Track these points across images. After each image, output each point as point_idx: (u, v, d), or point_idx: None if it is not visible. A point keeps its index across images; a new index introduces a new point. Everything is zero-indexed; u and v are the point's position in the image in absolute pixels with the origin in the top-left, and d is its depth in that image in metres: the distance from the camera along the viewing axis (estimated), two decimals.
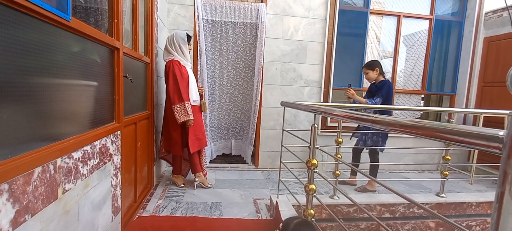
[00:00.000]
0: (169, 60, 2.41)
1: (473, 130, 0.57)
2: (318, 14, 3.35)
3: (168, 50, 2.45)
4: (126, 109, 1.80)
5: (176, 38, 2.43)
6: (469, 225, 2.56)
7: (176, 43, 2.42)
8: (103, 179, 1.45)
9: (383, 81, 2.69)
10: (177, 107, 2.35)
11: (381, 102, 2.61)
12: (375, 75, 2.71)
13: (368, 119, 0.88)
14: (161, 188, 2.64)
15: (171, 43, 2.43)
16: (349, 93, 2.76)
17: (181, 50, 2.44)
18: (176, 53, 2.43)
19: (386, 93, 2.61)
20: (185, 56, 2.47)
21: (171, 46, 2.43)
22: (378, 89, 2.67)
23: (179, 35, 2.45)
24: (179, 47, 2.43)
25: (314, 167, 1.53)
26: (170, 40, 2.44)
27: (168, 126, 2.50)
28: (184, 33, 2.48)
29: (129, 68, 1.85)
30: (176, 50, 2.43)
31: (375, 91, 2.70)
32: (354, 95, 2.73)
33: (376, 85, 2.72)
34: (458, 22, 3.77)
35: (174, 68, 2.35)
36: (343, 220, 2.39)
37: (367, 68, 2.73)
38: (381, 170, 3.70)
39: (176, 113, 2.34)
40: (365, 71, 2.75)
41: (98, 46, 1.39)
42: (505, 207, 0.50)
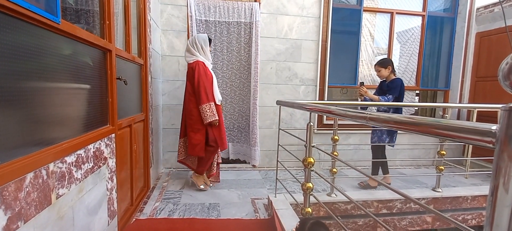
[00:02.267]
0: (194, 61, 2.44)
1: (467, 125, 0.57)
2: (311, 13, 3.36)
3: (191, 51, 2.48)
4: (120, 112, 1.78)
5: (198, 40, 2.47)
6: (465, 218, 2.59)
7: (199, 44, 2.47)
8: (98, 183, 1.43)
9: (395, 79, 2.71)
10: (203, 107, 2.38)
11: (392, 100, 2.63)
12: (387, 73, 2.72)
13: (363, 116, 0.88)
14: (158, 190, 2.63)
15: (194, 45, 2.47)
16: (361, 91, 2.76)
17: (203, 51, 2.49)
18: (199, 54, 2.47)
19: (399, 91, 2.64)
20: (208, 57, 2.53)
21: (194, 47, 2.48)
22: (389, 88, 2.69)
23: (201, 37, 2.50)
24: (202, 48, 2.48)
25: (310, 166, 1.53)
26: (192, 41, 2.49)
27: (192, 127, 2.47)
28: (206, 35, 2.53)
29: (122, 70, 1.83)
30: (198, 51, 2.47)
31: (386, 90, 2.72)
32: (366, 93, 2.74)
33: (387, 84, 2.73)
34: (450, 18, 3.80)
35: (200, 69, 2.39)
36: (340, 217, 2.40)
37: (380, 65, 2.74)
38: None
39: (203, 114, 2.38)
40: (378, 68, 2.76)
41: (90, 49, 1.38)
42: (499, 200, 0.50)
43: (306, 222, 1.19)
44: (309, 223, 1.16)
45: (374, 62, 3.77)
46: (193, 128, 2.46)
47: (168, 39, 3.14)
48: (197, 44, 2.47)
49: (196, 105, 2.43)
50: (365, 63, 3.71)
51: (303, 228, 1.16)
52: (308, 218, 1.24)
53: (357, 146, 3.66)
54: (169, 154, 3.31)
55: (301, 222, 1.21)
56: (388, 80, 2.74)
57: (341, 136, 3.49)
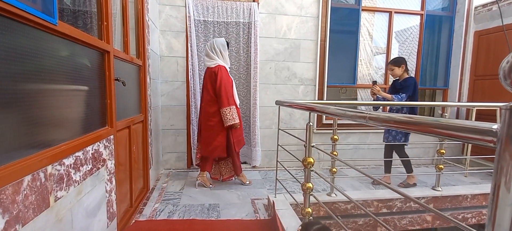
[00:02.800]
0: (215, 65, 2.50)
1: (468, 125, 0.57)
2: (310, 12, 3.36)
3: (210, 56, 2.54)
4: (119, 113, 1.77)
5: (217, 44, 2.53)
6: (465, 217, 2.59)
7: (217, 49, 2.53)
8: (97, 185, 1.42)
9: (408, 78, 2.71)
10: (224, 110, 2.46)
11: (406, 99, 2.63)
12: (400, 72, 2.72)
13: (362, 116, 0.88)
14: (157, 191, 2.62)
15: (212, 49, 2.53)
16: (374, 90, 2.76)
17: (222, 56, 2.54)
18: (218, 58, 2.53)
19: (413, 90, 2.64)
20: (226, 61, 2.58)
21: (213, 51, 2.53)
22: (402, 86, 2.69)
23: (220, 41, 2.55)
24: (220, 53, 2.54)
25: (310, 166, 1.53)
26: (211, 46, 2.54)
27: (213, 129, 2.52)
28: (223, 39, 2.60)
29: (120, 71, 1.82)
30: (217, 55, 2.53)
31: (399, 88, 2.72)
32: (379, 92, 2.74)
33: (400, 82, 2.74)
34: (449, 17, 3.81)
35: (222, 73, 2.47)
36: (341, 217, 2.40)
37: (393, 64, 2.74)
38: (377, 166, 3.73)
39: (224, 117, 2.46)
40: (391, 67, 2.76)
41: (88, 50, 1.37)
42: (501, 199, 0.50)
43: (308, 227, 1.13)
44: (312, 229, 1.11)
45: (373, 61, 3.78)
46: (213, 130, 2.52)
47: (167, 40, 3.13)
48: (216, 48, 2.53)
49: (218, 108, 2.49)
50: (364, 63, 3.71)
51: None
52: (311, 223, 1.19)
53: (357, 146, 3.66)
54: (168, 155, 3.31)
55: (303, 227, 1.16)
56: (402, 79, 2.74)
57: (341, 136, 3.49)
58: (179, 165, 3.35)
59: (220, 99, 2.46)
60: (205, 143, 2.58)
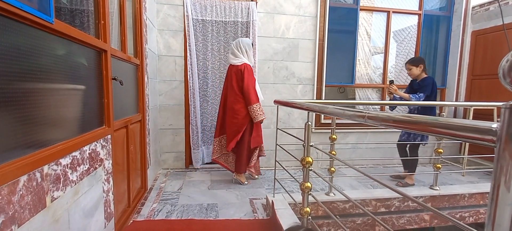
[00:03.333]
0: (242, 64, 2.59)
1: (467, 124, 0.57)
2: (308, 12, 3.35)
3: (236, 54, 2.64)
4: (117, 112, 1.76)
5: (243, 43, 2.64)
6: (463, 216, 2.60)
7: (243, 48, 2.63)
8: (94, 185, 1.41)
9: (426, 78, 2.71)
10: (253, 107, 2.58)
11: (423, 98, 2.63)
12: (418, 71, 2.72)
13: (361, 115, 0.87)
14: (155, 191, 2.61)
15: (238, 48, 2.64)
16: (391, 90, 2.78)
17: (247, 55, 2.65)
18: (243, 57, 2.63)
19: (431, 90, 2.64)
20: (251, 61, 2.69)
21: (238, 50, 2.64)
22: (420, 86, 2.69)
23: (245, 41, 2.66)
24: (246, 52, 2.64)
25: (309, 165, 1.53)
26: (237, 45, 2.64)
27: (238, 125, 2.62)
28: (249, 40, 2.72)
29: (118, 70, 1.81)
30: (243, 54, 2.63)
31: (417, 88, 2.72)
32: (396, 92, 2.76)
33: (418, 82, 2.74)
34: (446, 16, 3.82)
35: (249, 71, 2.58)
36: (339, 216, 2.40)
37: (411, 64, 2.74)
38: (375, 165, 3.74)
39: (253, 113, 2.58)
40: (409, 67, 2.76)
41: (85, 49, 1.36)
42: (501, 199, 0.50)
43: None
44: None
45: (371, 61, 3.78)
46: (238, 126, 2.61)
47: (165, 39, 3.12)
48: (241, 47, 2.63)
49: (244, 105, 2.59)
50: (362, 62, 3.71)
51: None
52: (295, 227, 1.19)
53: (355, 145, 3.66)
54: (166, 154, 3.29)
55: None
56: (419, 79, 2.74)
57: (339, 135, 3.50)
58: (178, 164, 3.34)
59: (248, 97, 2.55)
60: (230, 140, 2.68)
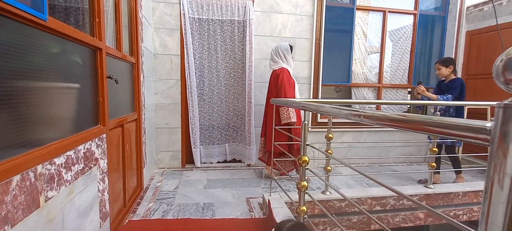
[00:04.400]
0: (279, 68, 2.72)
1: (462, 123, 0.57)
2: (305, 11, 3.36)
3: (274, 60, 2.78)
4: (112, 111, 1.74)
5: (281, 49, 2.75)
6: (456, 214, 2.63)
7: (281, 53, 2.74)
8: (89, 185, 1.40)
9: (455, 79, 2.71)
10: (282, 109, 2.66)
11: (452, 100, 2.63)
12: (447, 72, 2.72)
13: (357, 114, 0.88)
14: (151, 190, 2.59)
15: (277, 54, 2.76)
16: (419, 90, 2.79)
17: (286, 59, 2.75)
18: (282, 61, 2.74)
19: (460, 91, 2.64)
20: (290, 64, 2.77)
21: (277, 56, 2.76)
22: (448, 87, 2.70)
23: (284, 46, 2.76)
24: (284, 57, 2.74)
25: (305, 164, 1.53)
26: (276, 51, 2.77)
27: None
28: (287, 44, 2.78)
29: (113, 69, 1.79)
30: (281, 59, 2.74)
31: (445, 89, 2.73)
32: (424, 92, 2.77)
33: (446, 84, 2.74)
34: (441, 16, 3.85)
35: (284, 75, 2.67)
36: (335, 215, 2.41)
37: (441, 64, 2.74)
38: (370, 164, 3.77)
39: (281, 115, 2.67)
40: (438, 67, 2.76)
41: (79, 47, 1.34)
42: (495, 197, 0.51)
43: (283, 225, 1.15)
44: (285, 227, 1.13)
45: (367, 60, 3.80)
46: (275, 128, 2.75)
47: (161, 37, 3.09)
48: (280, 53, 2.74)
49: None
50: (358, 62, 3.73)
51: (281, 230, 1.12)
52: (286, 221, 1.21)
53: (351, 144, 3.68)
54: (162, 153, 3.28)
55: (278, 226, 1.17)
56: (448, 79, 2.74)
57: (335, 134, 3.49)
58: (174, 163, 3.33)
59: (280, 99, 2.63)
60: (269, 140, 2.77)
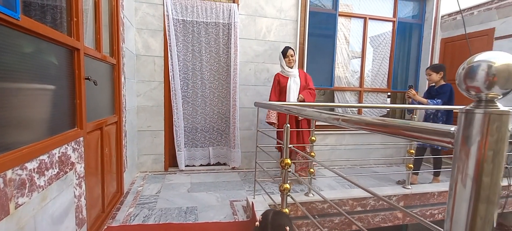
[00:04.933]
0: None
1: (429, 127, 0.61)
2: (289, 15, 3.41)
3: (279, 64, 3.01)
4: (90, 114, 1.69)
5: (279, 55, 2.98)
6: (432, 213, 2.75)
7: (280, 58, 2.96)
8: (64, 190, 1.35)
9: (444, 85, 2.82)
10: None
11: (441, 104, 2.72)
12: (438, 78, 2.83)
13: (336, 118, 0.90)
14: (132, 195, 2.52)
15: (279, 59, 2.99)
16: (410, 94, 2.88)
17: (281, 64, 2.95)
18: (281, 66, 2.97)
19: (449, 96, 2.75)
20: (283, 66, 2.94)
21: (280, 60, 2.98)
22: (438, 92, 2.81)
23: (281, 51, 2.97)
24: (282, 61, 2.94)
25: (287, 167, 1.55)
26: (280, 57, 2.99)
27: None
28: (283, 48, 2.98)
29: (92, 70, 1.74)
30: (281, 63, 2.96)
31: (435, 94, 2.84)
32: (415, 96, 2.86)
33: (436, 89, 2.85)
34: (418, 24, 4.04)
35: (274, 78, 2.99)
36: (318, 216, 2.45)
37: (432, 70, 2.84)
38: (352, 166, 3.86)
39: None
40: (429, 72, 2.86)
41: (55, 47, 1.29)
42: (458, 195, 0.54)
43: (267, 214, 1.27)
44: (270, 214, 1.26)
45: (349, 65, 3.91)
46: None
47: (143, 38, 3.04)
48: (279, 58, 2.98)
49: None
50: (341, 66, 3.83)
51: (266, 219, 1.24)
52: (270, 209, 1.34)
53: (334, 146, 3.76)
54: (144, 157, 3.20)
55: (264, 214, 1.29)
56: (438, 85, 2.85)
57: (318, 137, 3.58)
58: (156, 167, 3.26)
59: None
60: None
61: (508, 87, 0.49)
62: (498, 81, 0.49)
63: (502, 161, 0.50)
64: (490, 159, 0.50)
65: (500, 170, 0.50)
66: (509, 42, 3.13)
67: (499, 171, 0.50)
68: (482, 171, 0.50)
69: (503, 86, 0.49)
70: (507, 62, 0.49)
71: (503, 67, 0.49)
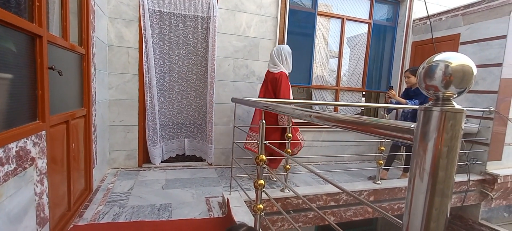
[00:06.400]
0: (278, 72, 2.72)
1: (391, 124, 0.63)
2: (269, 12, 3.41)
3: (275, 62, 2.76)
4: (54, 106, 1.58)
5: (284, 51, 2.75)
6: (400, 207, 2.90)
7: (283, 56, 2.74)
8: (23, 187, 1.25)
9: None
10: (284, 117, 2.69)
11: (419, 104, 2.83)
12: (415, 80, 2.97)
13: (307, 114, 0.91)
14: (102, 192, 2.41)
15: (279, 56, 2.75)
16: (390, 94, 3.05)
17: (287, 63, 2.76)
18: (282, 64, 2.74)
19: (425, 97, 2.89)
20: (289, 68, 2.80)
21: (278, 57, 2.75)
22: (416, 93, 2.99)
23: (286, 49, 2.77)
24: (286, 60, 2.75)
25: (262, 163, 1.55)
26: (278, 52, 2.76)
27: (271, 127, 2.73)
28: (288, 47, 2.81)
29: (57, 59, 1.63)
30: (282, 62, 2.74)
31: (413, 95, 3.01)
32: (394, 96, 3.03)
33: (414, 90, 3.03)
34: (392, 27, 4.22)
35: (284, 80, 2.69)
36: (293, 211, 2.50)
37: (411, 73, 2.99)
38: (328, 162, 3.97)
39: (280, 120, 2.71)
40: (408, 75, 3.01)
41: (12, 32, 1.19)
42: (416, 188, 0.57)
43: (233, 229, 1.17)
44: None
45: (327, 64, 4.00)
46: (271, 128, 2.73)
47: (116, 28, 2.89)
48: (282, 55, 2.74)
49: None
50: (319, 65, 3.91)
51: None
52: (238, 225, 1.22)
53: (311, 143, 3.84)
54: (116, 152, 3.07)
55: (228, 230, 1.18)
56: (414, 87, 3.02)
57: None
58: (129, 163, 3.14)
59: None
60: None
61: (463, 86, 0.52)
62: (454, 80, 0.51)
63: (456, 157, 0.53)
64: (445, 154, 0.53)
65: (453, 164, 0.54)
66: (473, 47, 3.36)
67: (452, 166, 0.54)
68: (438, 166, 0.53)
69: (458, 86, 0.52)
70: (462, 62, 0.52)
71: (458, 67, 0.51)
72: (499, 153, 3.23)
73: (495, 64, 3.10)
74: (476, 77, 0.52)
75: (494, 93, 3.09)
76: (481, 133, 3.19)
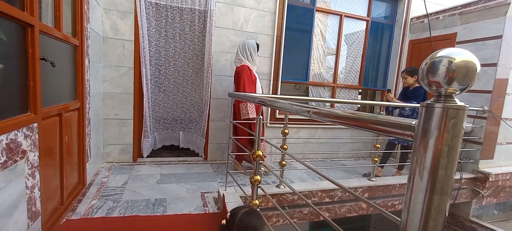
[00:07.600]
0: (241, 65, 2.79)
1: (392, 120, 0.62)
2: (267, 7, 3.38)
3: (239, 57, 2.83)
4: (47, 98, 1.55)
5: (248, 46, 2.81)
6: (394, 204, 2.93)
7: (248, 51, 2.80)
8: (14, 180, 1.22)
9: (419, 87, 2.99)
10: (241, 105, 2.71)
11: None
12: (412, 81, 2.99)
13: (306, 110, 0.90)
14: (96, 186, 2.38)
15: (243, 51, 2.81)
16: (388, 97, 3.11)
17: (251, 57, 2.82)
18: (246, 60, 2.81)
19: (423, 98, 2.91)
20: (254, 63, 2.85)
21: (243, 53, 2.81)
22: (414, 94, 2.99)
23: (251, 44, 2.82)
24: (250, 55, 2.81)
25: (259, 158, 1.54)
26: (242, 48, 2.82)
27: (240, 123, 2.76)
28: (255, 42, 2.85)
29: (49, 50, 1.59)
30: (247, 57, 2.81)
31: (411, 96, 3.01)
32: (393, 99, 3.11)
33: (412, 91, 3.03)
34: (390, 25, 4.22)
35: (245, 72, 2.73)
36: (288, 207, 2.50)
37: (408, 73, 3.00)
38: (323, 159, 3.98)
39: (241, 110, 2.71)
40: (405, 76, 3.02)
41: (3, 21, 1.15)
42: (415, 186, 0.56)
43: (237, 212, 1.15)
44: (240, 212, 1.14)
45: (325, 62, 3.99)
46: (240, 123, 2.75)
47: (111, 20, 2.83)
48: (246, 50, 2.80)
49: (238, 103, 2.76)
50: (316, 62, 3.89)
51: (234, 219, 1.13)
52: (240, 207, 1.21)
53: (307, 140, 3.85)
54: (111, 146, 3.03)
55: (232, 212, 1.17)
56: (412, 87, 3.02)
57: (292, 130, 3.63)
58: (124, 157, 3.10)
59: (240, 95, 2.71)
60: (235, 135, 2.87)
61: (466, 83, 0.51)
62: (457, 77, 0.50)
63: (456, 156, 0.52)
64: (446, 153, 0.52)
65: (454, 164, 0.53)
66: (468, 47, 3.38)
67: (453, 165, 0.53)
68: (438, 164, 0.52)
69: (461, 82, 0.51)
70: (466, 59, 0.51)
71: (462, 63, 0.50)
72: (491, 151, 3.27)
73: (490, 64, 3.13)
74: (479, 74, 0.51)
75: (488, 93, 3.12)
76: (475, 131, 3.23)
